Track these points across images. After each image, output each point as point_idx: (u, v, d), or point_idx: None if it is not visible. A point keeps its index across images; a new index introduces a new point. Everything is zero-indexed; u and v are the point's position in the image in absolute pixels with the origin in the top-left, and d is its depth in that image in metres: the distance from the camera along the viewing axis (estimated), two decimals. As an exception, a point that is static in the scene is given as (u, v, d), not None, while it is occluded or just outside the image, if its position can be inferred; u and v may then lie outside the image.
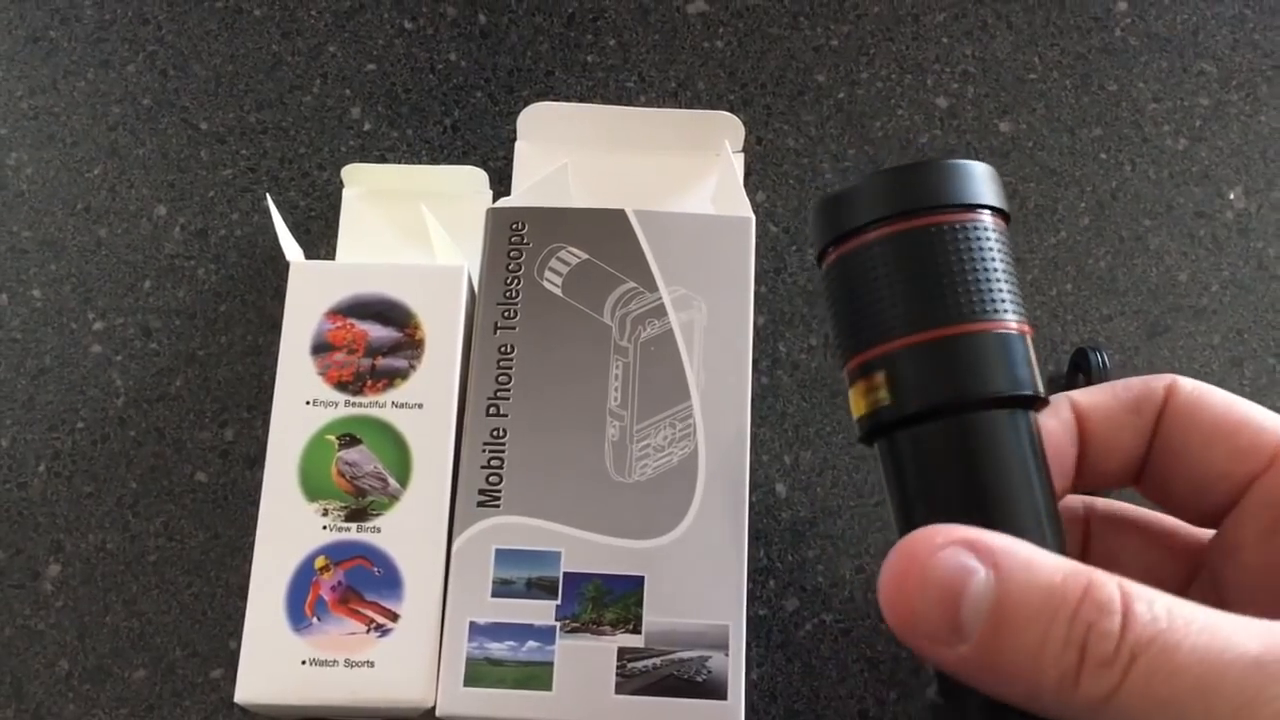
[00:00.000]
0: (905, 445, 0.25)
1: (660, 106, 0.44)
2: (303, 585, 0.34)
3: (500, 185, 0.43)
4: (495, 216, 0.38)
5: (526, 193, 0.39)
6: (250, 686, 0.34)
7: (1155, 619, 0.20)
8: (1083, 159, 0.44)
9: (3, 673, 0.37)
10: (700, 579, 0.34)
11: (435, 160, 0.44)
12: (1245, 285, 0.42)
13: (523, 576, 0.34)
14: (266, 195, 0.42)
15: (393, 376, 0.36)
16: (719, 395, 0.36)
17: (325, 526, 0.35)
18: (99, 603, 0.38)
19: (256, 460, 0.40)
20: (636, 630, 0.33)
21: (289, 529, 0.35)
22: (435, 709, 0.33)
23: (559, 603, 0.34)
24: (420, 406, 0.36)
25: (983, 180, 0.25)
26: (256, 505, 0.35)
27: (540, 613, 0.34)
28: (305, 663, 0.34)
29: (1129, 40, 0.46)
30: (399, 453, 0.36)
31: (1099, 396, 0.28)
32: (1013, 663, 0.21)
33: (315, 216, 0.43)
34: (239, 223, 0.43)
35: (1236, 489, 0.26)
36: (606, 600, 0.34)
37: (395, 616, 0.34)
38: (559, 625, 0.34)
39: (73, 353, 0.41)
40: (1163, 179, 0.44)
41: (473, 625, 0.34)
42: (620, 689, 0.33)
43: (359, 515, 0.35)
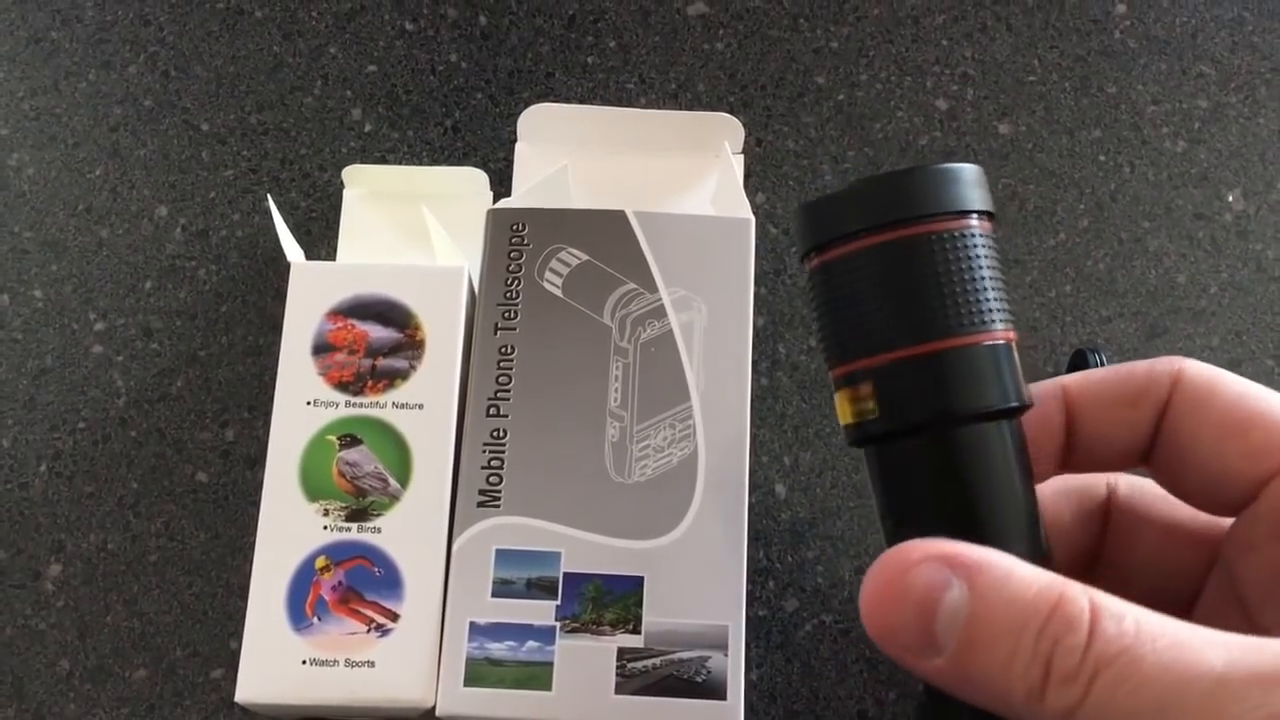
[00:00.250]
0: (891, 457, 0.25)
1: (660, 108, 0.44)
2: (303, 585, 0.34)
3: (500, 186, 0.43)
4: (495, 217, 0.38)
5: (527, 194, 0.39)
6: (251, 686, 0.34)
7: (1121, 634, 0.20)
8: (1082, 161, 0.44)
9: (4, 672, 0.38)
10: (700, 579, 0.34)
11: (436, 161, 0.44)
12: (1244, 287, 0.42)
13: (523, 577, 0.34)
14: (267, 196, 0.42)
15: (393, 377, 0.36)
16: (719, 396, 0.36)
17: (326, 526, 0.35)
18: (100, 602, 0.38)
19: (257, 460, 0.40)
20: (636, 630, 0.34)
21: (290, 529, 0.35)
22: (435, 709, 0.33)
23: (559, 603, 0.34)
24: (421, 407, 0.36)
25: (967, 184, 0.25)
26: (257, 505, 0.36)
27: (540, 613, 0.34)
28: (306, 662, 0.34)
29: (1128, 43, 0.46)
30: (399, 453, 0.36)
31: (1094, 386, 0.28)
32: (984, 676, 0.21)
33: (316, 217, 0.43)
34: (240, 223, 0.43)
35: (1250, 487, 0.26)
36: (606, 600, 0.34)
37: (395, 616, 0.34)
38: (559, 625, 0.34)
39: (74, 353, 0.41)
40: (1162, 181, 0.44)
41: (473, 625, 0.34)
42: (620, 689, 0.33)
43: (359, 515, 0.35)
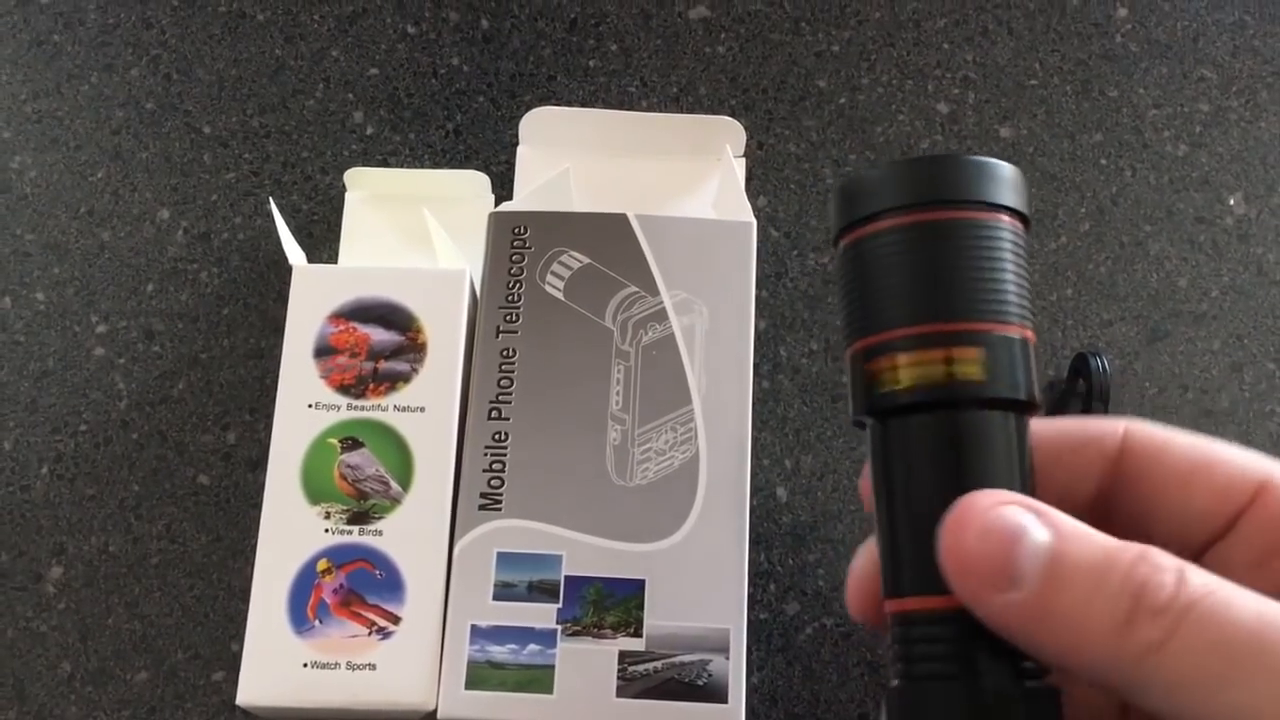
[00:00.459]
0: (896, 432, 0.25)
1: (662, 111, 0.44)
2: (305, 588, 0.34)
3: (502, 190, 0.43)
4: (497, 220, 0.38)
5: (528, 197, 0.39)
6: (252, 688, 0.34)
7: (1208, 581, 0.20)
8: (1083, 164, 0.44)
9: (5, 674, 0.38)
10: (701, 583, 0.34)
11: (437, 164, 0.44)
12: (1245, 291, 0.42)
13: (524, 580, 0.34)
14: (269, 199, 0.42)
15: (395, 380, 0.36)
16: (720, 399, 0.36)
17: (327, 529, 0.35)
18: (101, 605, 0.38)
19: (258, 463, 0.40)
20: (637, 634, 0.34)
21: (291, 532, 0.35)
22: (437, 712, 0.33)
23: (560, 606, 0.34)
24: (422, 410, 0.36)
25: (1008, 183, 0.26)
26: (258, 508, 0.36)
27: (541, 616, 0.34)
28: (307, 665, 0.34)
29: (1129, 46, 0.46)
30: (401, 456, 0.36)
31: (1037, 429, 0.29)
32: (1066, 610, 0.21)
33: (318, 220, 0.43)
34: (241, 226, 0.43)
35: (1221, 523, 0.26)
36: (608, 603, 0.34)
37: (397, 619, 0.34)
38: (560, 628, 0.34)
39: (75, 355, 0.41)
40: (1163, 185, 0.44)
41: (474, 628, 0.34)
42: (621, 692, 0.33)
43: (361, 518, 0.35)
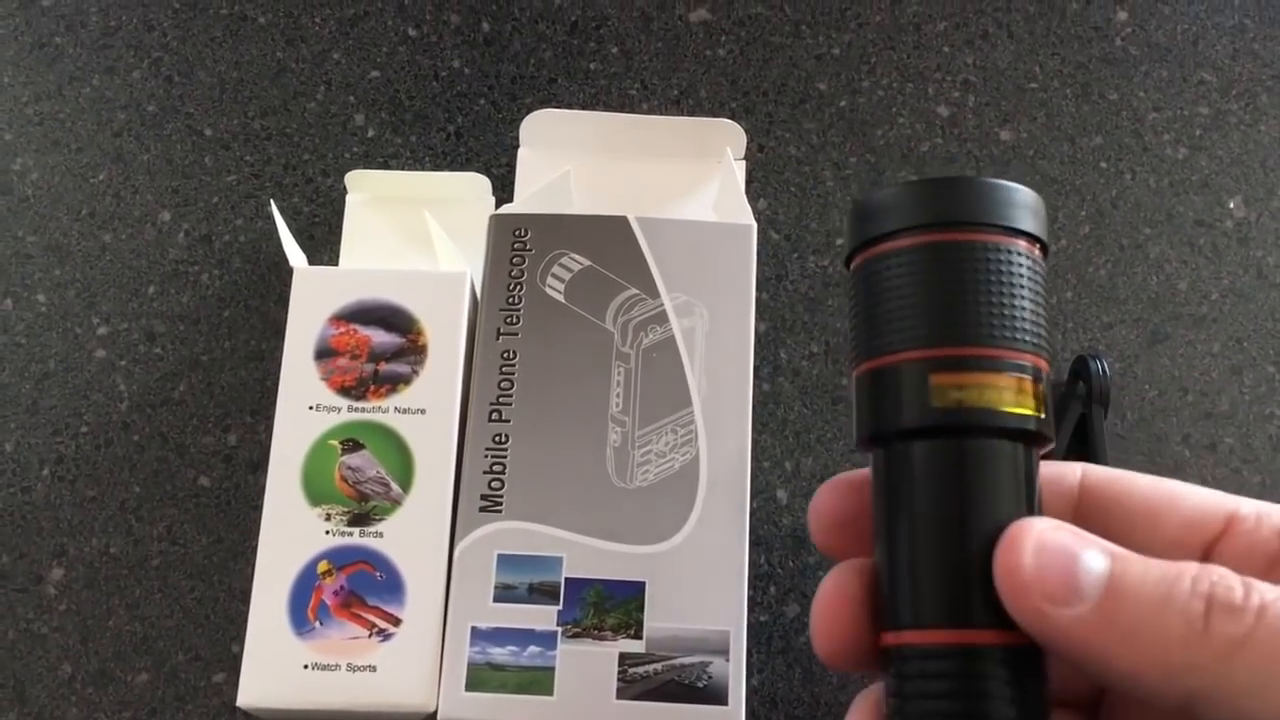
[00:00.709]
0: (904, 458, 0.25)
1: (662, 114, 0.44)
2: (305, 589, 0.35)
3: (503, 192, 0.43)
4: (498, 223, 0.38)
5: (529, 199, 0.39)
6: (253, 690, 0.34)
7: (1272, 586, 0.20)
8: (1083, 168, 0.44)
9: (5, 676, 0.38)
10: (701, 585, 0.34)
11: (438, 167, 0.44)
12: (1245, 294, 0.43)
13: (524, 581, 0.34)
14: (270, 201, 0.42)
15: (395, 382, 0.36)
16: (720, 401, 0.36)
17: (328, 531, 0.35)
18: (102, 606, 0.38)
19: (259, 465, 0.40)
20: (638, 635, 0.34)
21: (292, 533, 0.35)
22: (437, 713, 0.33)
23: (560, 608, 0.34)
24: (423, 412, 0.36)
25: (1027, 208, 0.25)
26: (259, 510, 0.36)
27: (542, 618, 0.34)
28: (307, 667, 0.34)
29: (1129, 49, 0.46)
30: (401, 458, 0.36)
31: None
32: (1136, 618, 0.21)
33: (319, 222, 0.43)
34: (243, 228, 0.43)
35: (1191, 556, 0.25)
36: (608, 605, 0.34)
37: (397, 621, 0.34)
38: (560, 630, 0.34)
39: (77, 357, 0.41)
40: (1163, 188, 0.44)
41: (474, 630, 0.34)
42: (621, 694, 0.33)
43: (362, 520, 0.35)
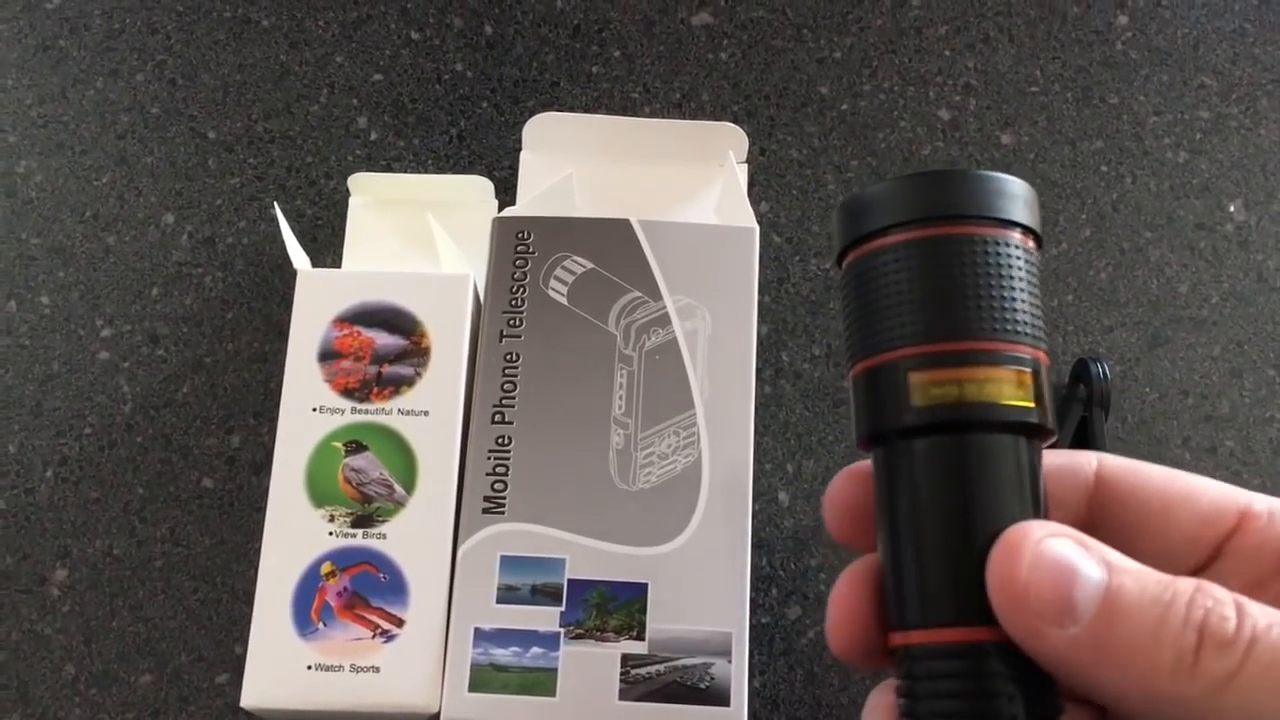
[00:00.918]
0: (904, 456, 0.24)
1: (664, 117, 0.44)
2: (309, 591, 0.35)
3: (505, 195, 0.43)
4: (501, 225, 0.38)
5: (532, 202, 0.39)
6: (256, 691, 0.34)
7: (1267, 613, 0.20)
8: (1084, 171, 0.44)
9: (9, 677, 0.38)
10: (703, 586, 0.34)
11: (441, 170, 0.44)
12: (1245, 297, 0.43)
13: (527, 583, 0.34)
14: (274, 204, 0.42)
15: (399, 384, 0.37)
16: (723, 404, 0.36)
17: (331, 532, 0.35)
18: (105, 608, 0.38)
19: (262, 467, 0.40)
20: (640, 637, 0.34)
21: (295, 535, 0.35)
22: (440, 714, 0.33)
23: (563, 609, 0.34)
24: (426, 414, 0.36)
25: (1019, 199, 0.24)
26: (262, 511, 0.36)
27: (545, 619, 0.34)
28: (311, 668, 0.34)
29: (1130, 54, 0.46)
30: (405, 459, 0.36)
31: None
32: (1127, 644, 0.20)
33: (322, 225, 0.43)
34: (246, 231, 0.43)
35: (1205, 553, 0.26)
36: (610, 607, 0.34)
37: (401, 622, 0.34)
38: (563, 631, 0.34)
39: (80, 359, 0.41)
40: (1163, 191, 0.44)
41: (478, 631, 0.34)
42: (624, 695, 0.33)
43: (365, 521, 0.35)
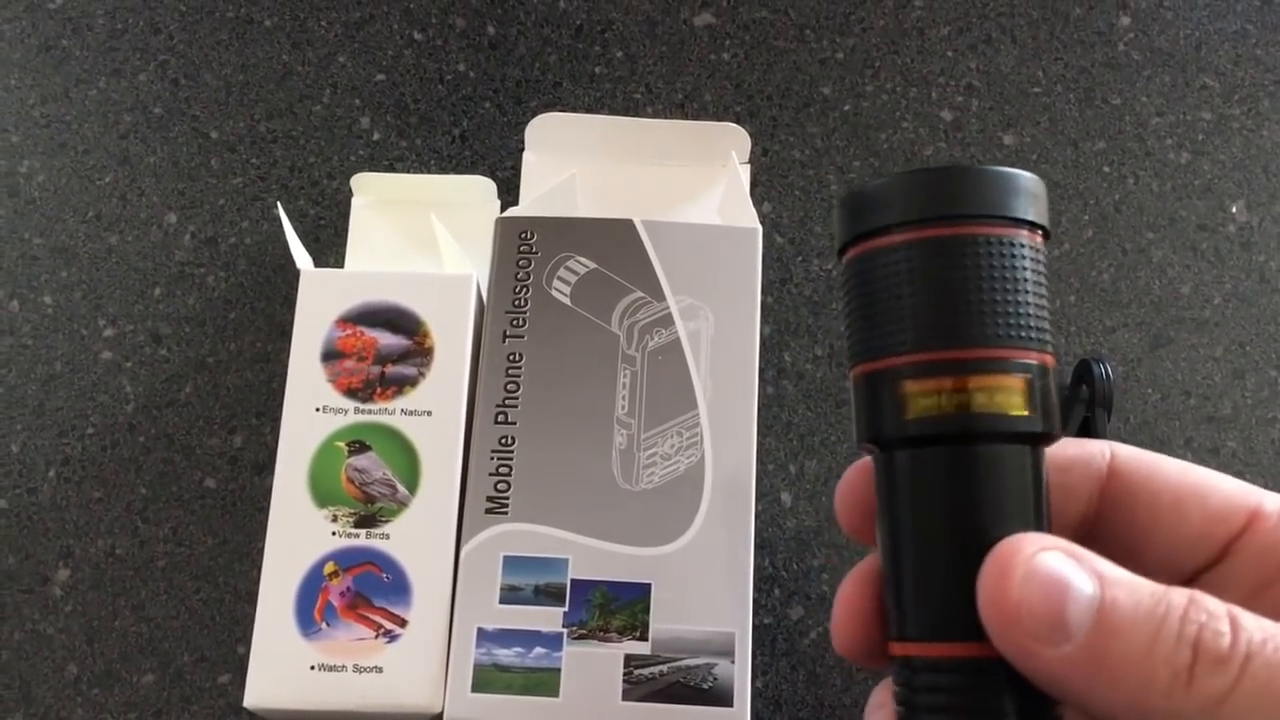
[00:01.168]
0: (905, 465, 0.24)
1: (667, 118, 0.44)
2: (312, 591, 0.35)
3: (508, 195, 0.43)
4: (504, 226, 0.38)
5: (535, 202, 0.39)
6: (259, 691, 0.34)
7: (1263, 627, 0.20)
8: (1086, 172, 0.44)
9: (12, 677, 0.38)
10: (706, 586, 0.34)
11: (444, 170, 0.44)
12: (1247, 298, 0.43)
13: (530, 583, 0.34)
14: (276, 204, 0.42)
15: (402, 384, 0.37)
16: (726, 404, 0.36)
17: (334, 532, 0.35)
18: (108, 608, 0.38)
19: (265, 466, 0.40)
20: (643, 637, 0.34)
21: (298, 535, 0.35)
22: (443, 714, 0.33)
23: (566, 609, 0.34)
24: (429, 414, 0.36)
25: (1024, 193, 0.23)
26: (264, 511, 0.36)
27: (548, 619, 0.34)
28: (314, 668, 0.34)
29: (1132, 55, 0.46)
30: (408, 459, 0.36)
31: None
32: (1121, 661, 0.20)
33: (325, 225, 0.43)
34: (249, 230, 0.43)
35: (1213, 551, 0.26)
36: (613, 607, 0.34)
37: (404, 622, 0.34)
38: (566, 632, 0.34)
39: (83, 359, 0.41)
40: (1165, 192, 0.44)
41: (480, 631, 0.34)
42: (627, 695, 0.33)
43: (368, 521, 0.35)
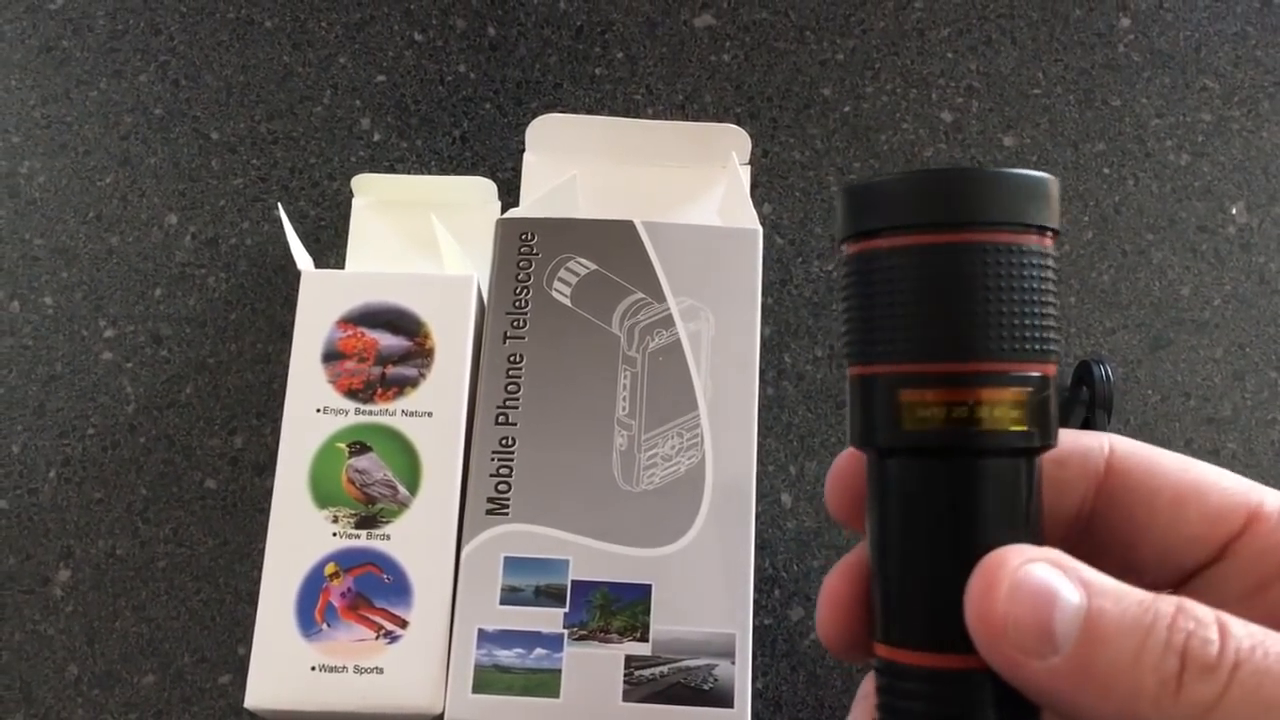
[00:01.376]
0: (899, 473, 0.23)
1: (667, 119, 0.45)
2: (313, 591, 0.35)
3: (508, 196, 0.43)
4: (505, 227, 0.38)
5: (536, 203, 0.39)
6: (260, 691, 0.34)
7: (1251, 633, 0.20)
8: (1086, 173, 0.44)
9: (12, 677, 0.38)
10: (707, 587, 0.34)
11: (444, 171, 0.44)
12: (1247, 299, 0.43)
13: (531, 584, 0.34)
14: (277, 205, 0.42)
15: (403, 385, 0.37)
16: (726, 405, 0.36)
17: (335, 533, 0.35)
18: (108, 608, 0.38)
19: (265, 467, 0.40)
20: (644, 638, 0.34)
21: (299, 535, 0.35)
22: (444, 715, 0.33)
23: (567, 610, 0.34)
24: (430, 415, 0.36)
25: (1033, 196, 0.22)
26: (265, 512, 0.36)
27: (548, 620, 0.34)
28: (315, 668, 0.34)
29: (1132, 56, 0.46)
30: (409, 460, 0.36)
31: None
32: (1109, 671, 0.20)
33: (325, 226, 0.43)
34: (249, 231, 0.43)
35: (1211, 550, 0.25)
36: (614, 608, 0.34)
37: (404, 623, 0.34)
38: (567, 633, 0.34)
39: (84, 360, 0.41)
40: (1165, 194, 0.44)
41: (481, 632, 0.34)
42: (627, 696, 0.33)
43: (369, 522, 0.35)
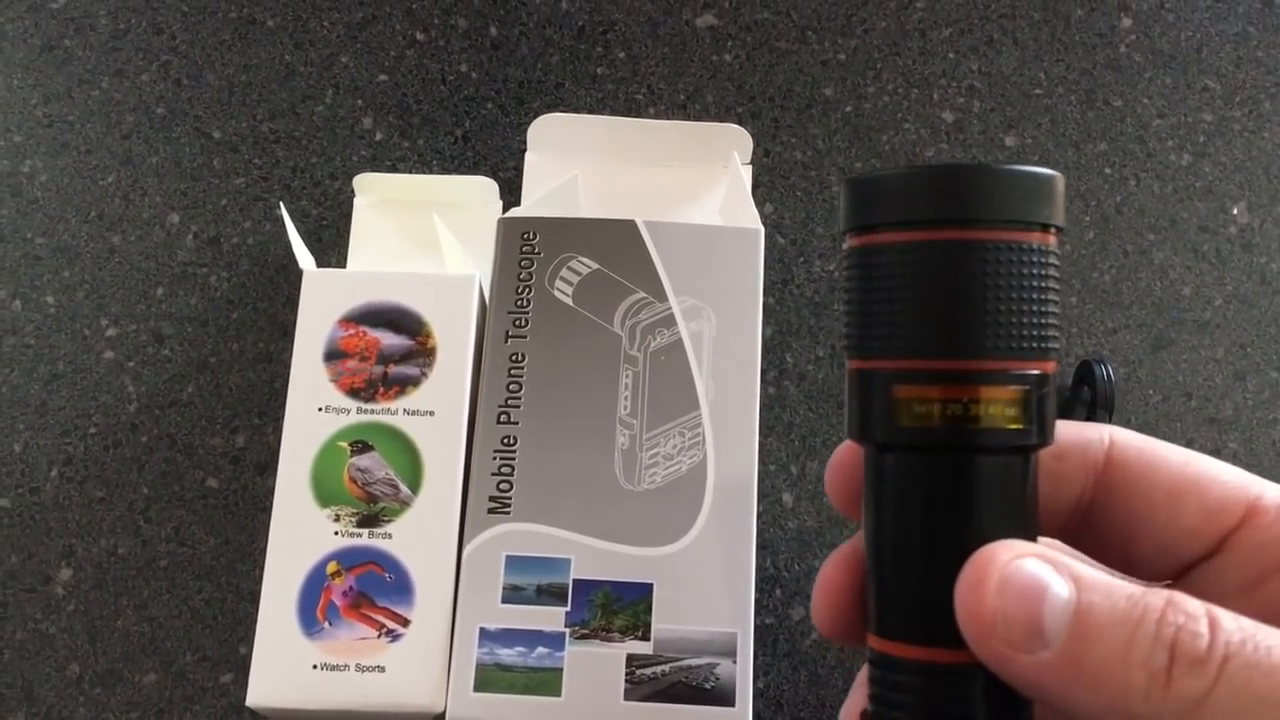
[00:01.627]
0: (896, 468, 0.23)
1: (669, 119, 0.45)
2: (314, 590, 0.35)
3: (510, 196, 0.43)
4: (506, 226, 0.38)
5: (537, 203, 0.39)
6: (262, 690, 0.34)
7: (1241, 627, 0.20)
8: (1087, 174, 0.44)
9: (14, 676, 0.38)
10: (708, 587, 0.34)
11: (446, 170, 0.44)
12: (1248, 300, 0.43)
13: (533, 583, 0.34)
14: (279, 204, 0.42)
15: (405, 384, 0.37)
16: (728, 405, 0.36)
17: (337, 532, 0.35)
18: (110, 607, 0.38)
19: (267, 466, 0.40)
20: (645, 637, 0.34)
21: (301, 534, 0.35)
22: (445, 714, 0.33)
23: (568, 609, 0.34)
24: (432, 414, 0.36)
25: (1036, 194, 0.23)
26: (267, 511, 0.36)
27: (550, 619, 0.34)
28: (316, 667, 0.34)
29: (1133, 56, 0.46)
30: (410, 459, 0.36)
31: None
32: (1099, 666, 0.20)
33: (327, 225, 0.43)
34: (251, 231, 0.43)
35: (1209, 544, 0.25)
36: (615, 607, 0.34)
37: (406, 622, 0.34)
38: (568, 632, 0.34)
39: (85, 359, 0.41)
40: (1167, 194, 0.44)
41: (483, 631, 0.34)
42: (629, 695, 0.33)
43: (370, 521, 0.35)
